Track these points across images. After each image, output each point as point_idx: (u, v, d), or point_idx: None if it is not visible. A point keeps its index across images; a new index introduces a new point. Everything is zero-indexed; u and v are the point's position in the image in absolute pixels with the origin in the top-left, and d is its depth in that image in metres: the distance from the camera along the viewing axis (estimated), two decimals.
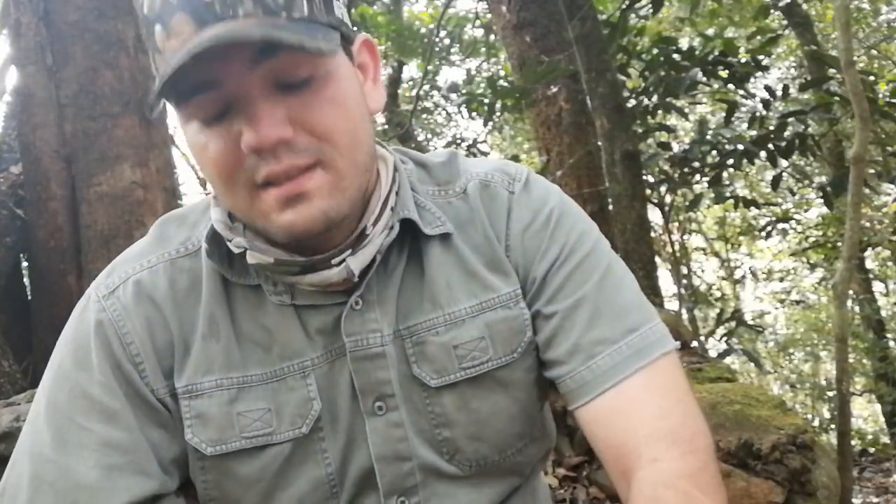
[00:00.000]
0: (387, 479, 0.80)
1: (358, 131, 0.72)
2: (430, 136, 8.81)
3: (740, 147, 4.08)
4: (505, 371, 0.81)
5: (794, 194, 7.79)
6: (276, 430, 0.78)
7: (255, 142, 0.66)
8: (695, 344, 3.06)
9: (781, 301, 9.86)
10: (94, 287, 0.82)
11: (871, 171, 5.16)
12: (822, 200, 4.86)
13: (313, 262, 0.75)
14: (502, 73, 7.37)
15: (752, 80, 4.28)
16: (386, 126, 8.03)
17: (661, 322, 0.81)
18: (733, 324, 4.91)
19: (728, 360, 4.74)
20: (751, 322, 5.64)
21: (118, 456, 0.74)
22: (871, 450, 6.06)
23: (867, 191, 4.72)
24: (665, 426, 0.75)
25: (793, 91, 4.54)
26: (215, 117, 0.68)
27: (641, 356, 0.77)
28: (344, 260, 0.75)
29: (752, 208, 5.20)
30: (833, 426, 6.92)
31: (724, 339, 4.79)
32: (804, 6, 6.63)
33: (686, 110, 4.99)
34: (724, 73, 4.02)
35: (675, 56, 3.96)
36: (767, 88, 4.19)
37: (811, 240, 7.47)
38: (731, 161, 4.22)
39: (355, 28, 0.74)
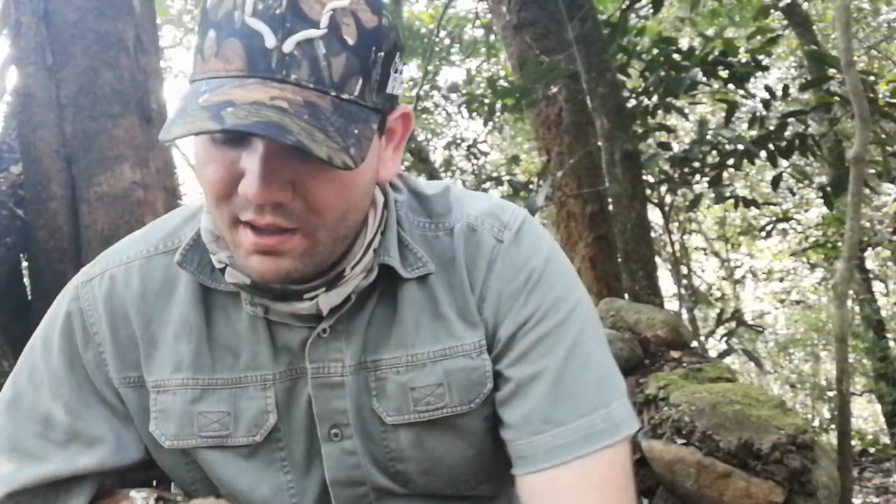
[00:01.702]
0: (341, 501, 0.83)
1: (350, 209, 0.72)
2: (430, 136, 8.81)
3: (740, 147, 4.08)
4: (462, 419, 0.82)
5: (794, 194, 7.78)
6: (233, 434, 0.81)
7: (253, 196, 0.65)
8: (695, 344, 3.06)
9: (781, 301, 9.85)
10: (79, 273, 0.87)
11: (871, 171, 5.16)
12: (822, 200, 4.86)
13: (286, 292, 0.76)
14: (502, 73, 7.37)
15: (752, 80, 4.27)
16: None
17: (622, 404, 0.79)
18: (733, 324, 4.91)
19: (728, 360, 4.74)
20: (751, 322, 5.64)
21: (58, 433, 0.81)
22: (871, 450, 6.06)
23: (867, 191, 4.72)
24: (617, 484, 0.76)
25: (793, 91, 4.54)
26: (225, 141, 0.68)
27: (585, 444, 0.76)
28: (316, 296, 0.76)
29: (752, 208, 5.19)
30: (833, 426, 6.92)
31: (724, 339, 4.79)
32: (804, 6, 6.62)
33: (686, 110, 4.99)
34: (724, 73, 4.02)
35: (675, 56, 3.96)
36: (767, 88, 4.19)
37: (811, 240, 7.47)
38: (731, 161, 4.22)
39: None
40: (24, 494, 0.80)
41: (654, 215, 5.22)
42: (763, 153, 4.14)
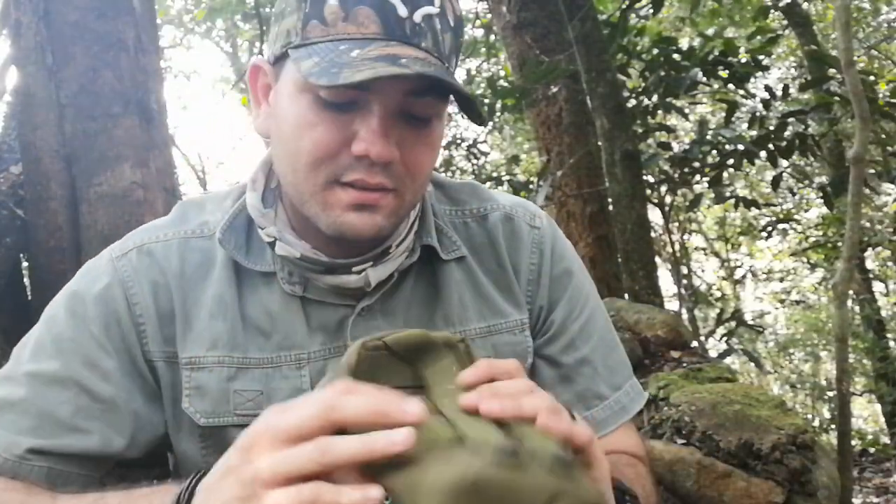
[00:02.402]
0: None
1: (429, 177, 0.81)
2: None
3: (740, 147, 4.08)
4: None
5: (794, 194, 7.78)
6: None
7: (375, 154, 0.71)
8: (695, 344, 3.06)
9: (781, 301, 9.85)
10: (109, 249, 0.86)
11: (871, 171, 5.16)
12: (822, 200, 4.86)
13: (335, 265, 0.80)
14: (502, 73, 7.36)
15: (752, 80, 4.27)
16: None
17: (633, 375, 0.95)
18: (733, 324, 4.91)
19: (728, 360, 4.74)
20: (751, 322, 5.64)
21: (94, 403, 0.78)
22: (871, 450, 6.06)
23: (867, 191, 4.72)
24: (639, 451, 0.91)
25: (793, 91, 4.54)
26: (340, 105, 0.71)
27: (626, 412, 0.91)
28: (364, 270, 0.80)
29: (753, 208, 5.19)
30: (833, 426, 6.92)
31: (725, 339, 4.79)
32: (804, 6, 6.62)
33: (686, 110, 4.99)
34: (724, 73, 4.02)
35: (675, 56, 3.96)
36: (767, 88, 4.19)
37: (811, 240, 7.47)
38: (731, 161, 4.22)
39: None
40: (52, 456, 0.77)
41: (654, 215, 5.22)
42: (763, 153, 4.14)
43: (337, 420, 0.51)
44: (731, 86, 4.28)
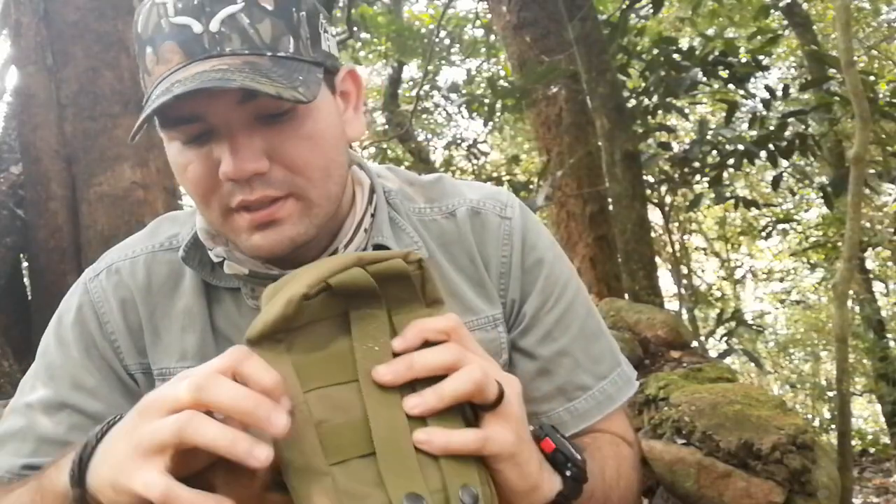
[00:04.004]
0: None
1: (331, 164, 0.76)
2: (430, 136, 8.81)
3: (740, 147, 4.08)
4: None
5: (794, 194, 7.79)
6: None
7: (232, 173, 0.70)
8: (695, 344, 3.06)
9: (781, 301, 9.85)
10: (87, 271, 0.89)
11: (871, 171, 5.16)
12: (822, 200, 4.86)
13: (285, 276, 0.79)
14: (502, 73, 7.37)
15: (752, 80, 4.27)
16: (386, 126, 8.03)
17: (625, 361, 0.93)
18: (733, 324, 4.91)
19: (728, 360, 4.74)
20: (751, 322, 5.64)
21: (86, 420, 0.81)
22: (872, 450, 6.06)
23: (867, 191, 4.72)
24: (628, 436, 0.91)
25: (793, 91, 4.54)
26: (196, 139, 0.72)
27: (612, 401, 0.88)
28: None
29: (753, 208, 5.19)
30: (833, 426, 6.92)
31: (725, 339, 4.79)
32: (804, 6, 6.63)
33: (686, 110, 4.99)
34: (724, 73, 4.02)
35: (675, 56, 3.96)
36: (767, 88, 4.19)
37: (811, 240, 7.47)
38: (731, 161, 4.22)
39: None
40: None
41: (654, 215, 5.22)
42: (763, 153, 4.14)
43: (204, 403, 0.53)
44: (731, 86, 4.29)
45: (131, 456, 0.55)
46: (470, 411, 0.62)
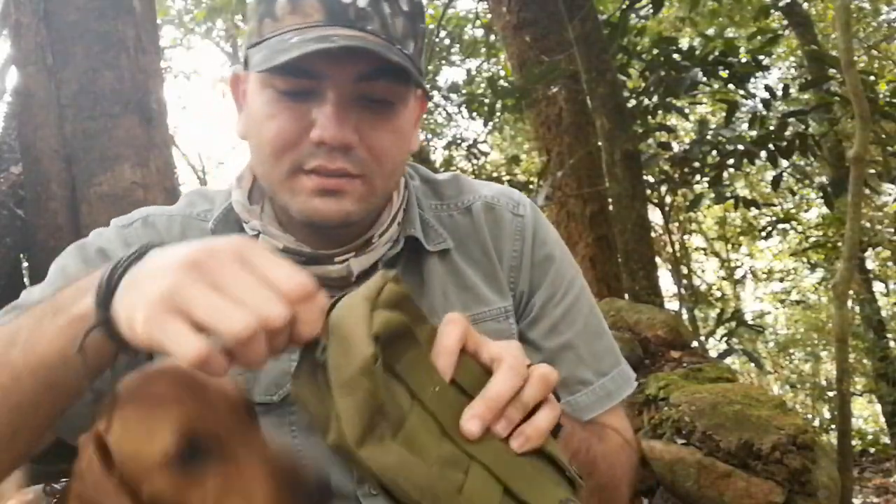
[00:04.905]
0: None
1: (399, 162, 0.82)
2: (430, 136, 8.81)
3: (740, 147, 4.08)
4: None
5: (794, 194, 7.79)
6: (251, 392, 0.82)
7: (330, 137, 0.73)
8: (695, 344, 3.06)
9: (781, 301, 9.85)
10: (115, 220, 0.90)
11: (871, 171, 5.16)
12: (822, 200, 4.86)
13: (318, 256, 0.82)
14: (502, 73, 7.36)
15: (752, 80, 4.27)
16: None
17: (625, 360, 0.95)
18: (733, 324, 4.90)
19: (728, 360, 4.74)
20: (751, 322, 5.63)
21: None
22: (872, 450, 6.06)
23: (867, 191, 4.72)
24: (626, 434, 0.91)
25: (793, 91, 4.54)
26: (296, 94, 0.75)
27: (612, 398, 0.90)
28: (346, 260, 0.82)
29: (753, 208, 5.19)
30: (833, 426, 6.92)
31: (725, 339, 4.79)
32: (804, 6, 6.62)
33: (686, 110, 4.99)
34: (724, 73, 4.02)
35: (675, 56, 3.96)
36: (767, 88, 4.19)
37: (811, 240, 7.47)
38: (731, 161, 4.22)
39: None
40: None
41: (654, 215, 5.22)
42: (763, 153, 4.14)
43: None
44: (731, 86, 4.28)
45: (165, 307, 0.51)
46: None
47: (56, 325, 0.61)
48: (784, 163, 4.23)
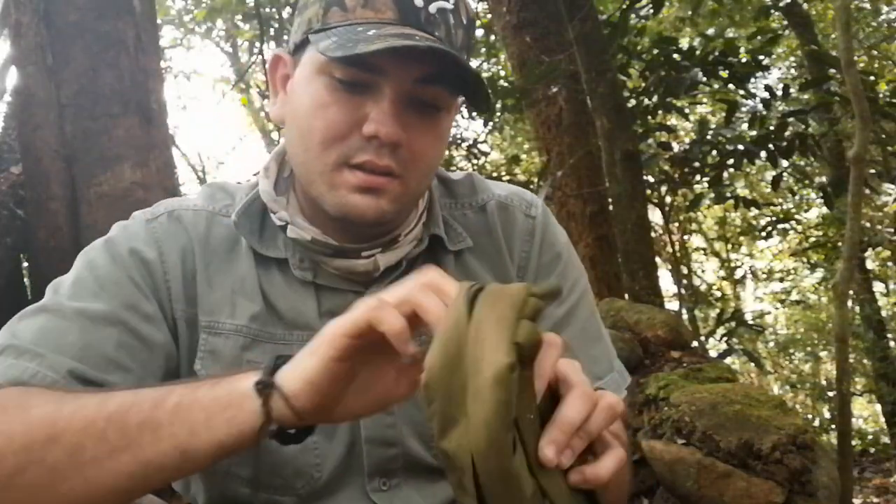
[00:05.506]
0: (373, 461, 0.85)
1: (434, 167, 0.85)
2: None
3: (740, 147, 4.08)
4: None
5: (794, 194, 7.79)
6: None
7: (385, 134, 0.75)
8: (695, 344, 3.06)
9: (781, 301, 9.85)
10: (140, 213, 0.89)
11: (872, 171, 5.16)
12: (822, 200, 4.87)
13: (345, 249, 0.83)
14: (502, 73, 7.36)
15: (752, 80, 4.27)
16: None
17: (619, 365, 0.96)
18: (733, 324, 4.90)
19: (728, 360, 4.74)
20: (751, 322, 5.63)
21: (136, 342, 0.79)
22: (872, 450, 6.07)
23: (867, 191, 4.72)
24: (621, 436, 0.88)
25: (793, 91, 4.54)
26: (354, 87, 0.76)
27: None
28: (373, 255, 0.83)
29: (753, 208, 5.20)
30: (833, 426, 6.92)
31: (725, 339, 4.79)
32: (804, 6, 6.62)
33: (686, 110, 4.99)
34: (724, 73, 4.02)
35: (675, 56, 3.96)
36: (768, 88, 4.19)
37: (811, 240, 7.47)
38: (731, 161, 4.22)
39: None
40: (91, 386, 0.76)
41: (654, 215, 5.22)
42: (763, 153, 4.14)
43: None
44: (731, 86, 4.28)
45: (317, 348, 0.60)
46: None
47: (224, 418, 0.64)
48: (784, 163, 4.24)
